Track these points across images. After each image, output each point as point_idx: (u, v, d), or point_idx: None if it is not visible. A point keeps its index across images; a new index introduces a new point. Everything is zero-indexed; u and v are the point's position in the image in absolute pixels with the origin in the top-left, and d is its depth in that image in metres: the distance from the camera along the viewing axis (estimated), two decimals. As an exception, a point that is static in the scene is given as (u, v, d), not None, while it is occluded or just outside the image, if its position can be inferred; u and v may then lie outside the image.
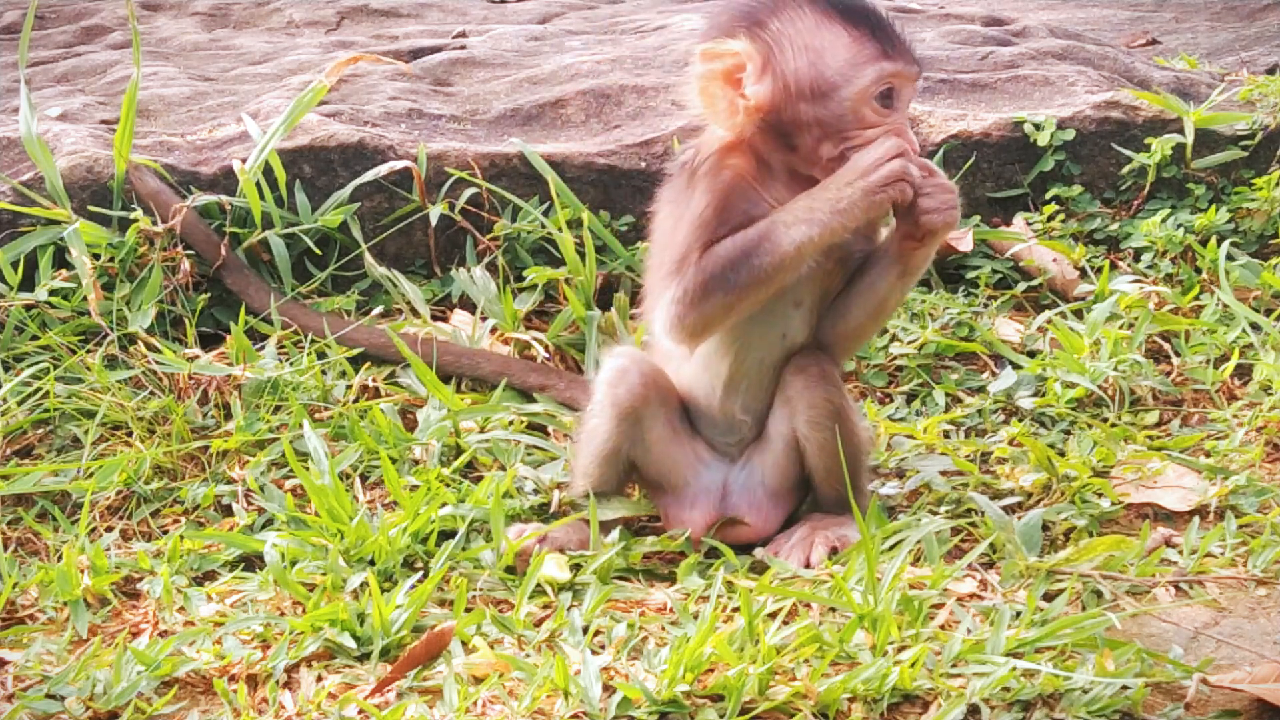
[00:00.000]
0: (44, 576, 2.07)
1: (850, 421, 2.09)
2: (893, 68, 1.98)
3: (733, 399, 2.13)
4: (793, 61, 1.99)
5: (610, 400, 2.10)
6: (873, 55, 1.98)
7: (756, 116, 2.00)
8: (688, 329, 2.01)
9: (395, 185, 2.86)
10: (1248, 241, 2.92)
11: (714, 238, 1.99)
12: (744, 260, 1.97)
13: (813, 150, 2.01)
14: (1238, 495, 2.19)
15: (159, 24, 4.32)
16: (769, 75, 1.99)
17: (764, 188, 2.03)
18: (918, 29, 3.94)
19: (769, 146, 2.03)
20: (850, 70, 1.98)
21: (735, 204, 2.01)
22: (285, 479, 2.33)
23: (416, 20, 4.28)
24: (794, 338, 2.11)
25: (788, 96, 1.99)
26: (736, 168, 2.02)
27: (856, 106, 1.99)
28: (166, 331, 2.63)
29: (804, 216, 1.97)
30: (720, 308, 1.99)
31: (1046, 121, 3.04)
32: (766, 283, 1.99)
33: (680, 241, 2.01)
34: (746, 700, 1.70)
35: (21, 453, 2.41)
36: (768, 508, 2.14)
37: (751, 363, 2.11)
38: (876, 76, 1.98)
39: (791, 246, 1.96)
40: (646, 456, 2.13)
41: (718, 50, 2.00)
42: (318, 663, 1.88)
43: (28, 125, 2.76)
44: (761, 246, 1.97)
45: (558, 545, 2.08)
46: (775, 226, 1.97)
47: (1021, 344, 2.69)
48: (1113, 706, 1.68)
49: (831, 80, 1.98)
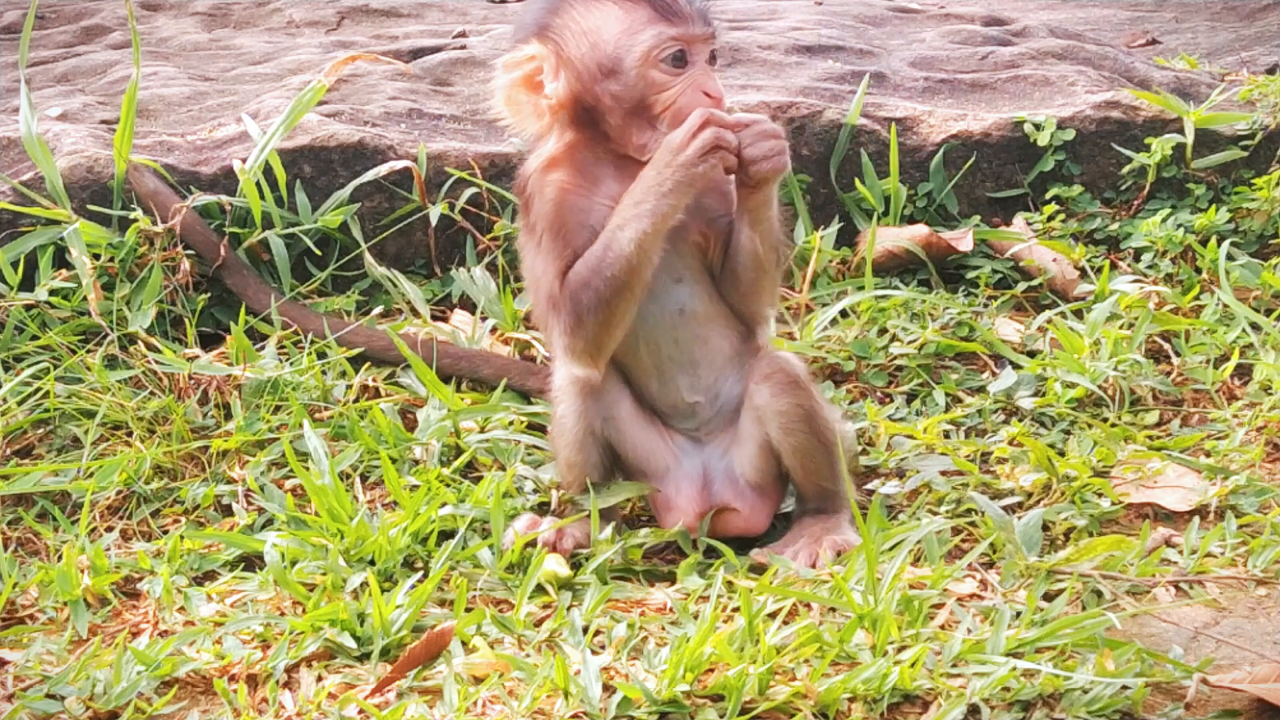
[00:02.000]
0: (44, 576, 2.07)
1: (821, 421, 2.11)
2: (671, 30, 2.01)
3: (672, 385, 2.14)
4: (578, 48, 2.03)
5: (570, 379, 2.12)
6: (646, 20, 2.01)
7: (562, 114, 2.05)
8: (585, 354, 2.06)
9: (395, 185, 2.86)
10: (1248, 241, 2.92)
11: (566, 263, 2.03)
12: (596, 276, 2.00)
13: (624, 130, 2.04)
14: (1238, 495, 2.19)
15: (159, 24, 4.31)
16: (562, 69, 2.04)
17: (594, 190, 2.06)
18: (918, 29, 3.95)
19: (590, 141, 2.06)
20: (627, 40, 2.02)
21: (570, 219, 2.04)
22: (285, 479, 2.33)
23: (416, 20, 4.27)
24: (694, 309, 2.11)
25: (583, 84, 2.03)
26: (558, 182, 2.06)
27: (644, 73, 2.01)
28: (166, 331, 2.63)
29: (633, 214, 1.99)
30: (599, 326, 2.03)
31: (1046, 121, 3.04)
32: (627, 288, 2.01)
33: (541, 276, 2.07)
34: (746, 700, 1.70)
35: (21, 453, 2.41)
36: (753, 497, 2.15)
37: (667, 345, 2.12)
38: (654, 40, 2.01)
39: (632, 246, 1.99)
40: (622, 438, 2.14)
41: (515, 59, 2.06)
42: (318, 663, 1.88)
43: (28, 125, 2.76)
44: (606, 258, 2.00)
45: (566, 539, 2.09)
46: (613, 233, 2.00)
47: (1021, 344, 2.69)
48: (1113, 706, 1.68)
49: (614, 55, 2.02)
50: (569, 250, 2.03)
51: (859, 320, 2.69)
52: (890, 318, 2.68)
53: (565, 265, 2.03)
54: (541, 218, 2.06)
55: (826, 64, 3.47)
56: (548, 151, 2.07)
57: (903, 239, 2.88)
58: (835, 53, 3.59)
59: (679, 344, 2.12)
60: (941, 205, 3.01)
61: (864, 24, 4.04)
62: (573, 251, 2.03)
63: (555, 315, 2.05)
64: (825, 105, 3.07)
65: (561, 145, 2.07)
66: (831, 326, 2.69)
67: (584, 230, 2.04)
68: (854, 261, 2.87)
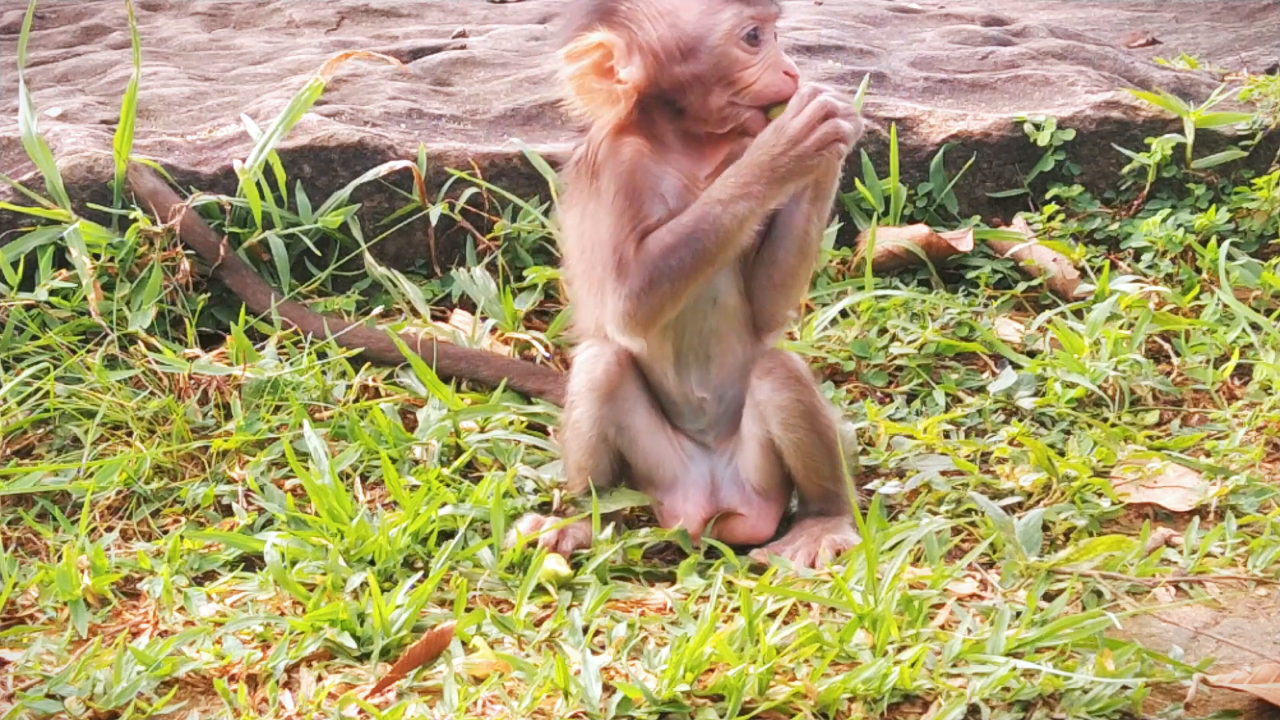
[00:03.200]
0: (44, 576, 2.07)
1: (823, 418, 2.11)
2: (750, 10, 2.03)
3: (685, 376, 2.14)
4: (654, 31, 2.03)
5: (589, 385, 2.11)
6: (723, 1, 2.03)
7: (637, 96, 2.04)
8: (640, 322, 2.04)
9: (395, 185, 2.86)
10: (1248, 241, 2.92)
11: (642, 225, 2.02)
12: (686, 245, 2.00)
13: (702, 106, 2.04)
14: (1238, 495, 2.19)
15: (159, 24, 4.31)
16: (636, 53, 2.03)
17: (664, 161, 2.06)
18: (918, 29, 3.95)
19: (658, 120, 2.06)
20: (708, 20, 2.03)
21: (643, 183, 2.04)
22: (285, 479, 2.33)
23: (416, 20, 4.27)
24: (725, 300, 2.12)
25: (660, 66, 2.03)
26: (634, 145, 2.05)
27: (725, 52, 2.02)
28: (166, 331, 2.63)
29: (739, 192, 1.99)
30: (669, 296, 2.02)
31: (1046, 121, 3.04)
32: (711, 263, 2.01)
33: (607, 238, 2.03)
34: (746, 700, 1.70)
35: (21, 453, 2.41)
36: (759, 503, 2.15)
37: (691, 334, 2.12)
38: (735, 20, 2.02)
39: (734, 222, 1.99)
40: (633, 447, 2.14)
41: (581, 48, 2.05)
42: (318, 663, 1.88)
43: (28, 125, 2.75)
44: (700, 229, 1.99)
45: (567, 539, 2.09)
46: (711, 206, 2.00)
47: (1021, 344, 2.69)
48: (1113, 706, 1.68)
49: (695, 34, 2.03)
50: (641, 214, 2.02)
51: (859, 320, 2.69)
52: (890, 318, 2.69)
53: (639, 229, 2.02)
54: (614, 179, 2.04)
55: (826, 64, 3.47)
56: (617, 120, 2.06)
57: (903, 239, 2.88)
58: (835, 53, 3.59)
59: (702, 334, 2.12)
60: (941, 205, 3.01)
61: (864, 24, 4.05)
62: (645, 215, 2.02)
63: (618, 278, 2.02)
64: (825, 105, 3.07)
65: (632, 118, 2.06)
66: (831, 326, 2.69)
67: (655, 197, 2.04)
68: (854, 261, 2.87)
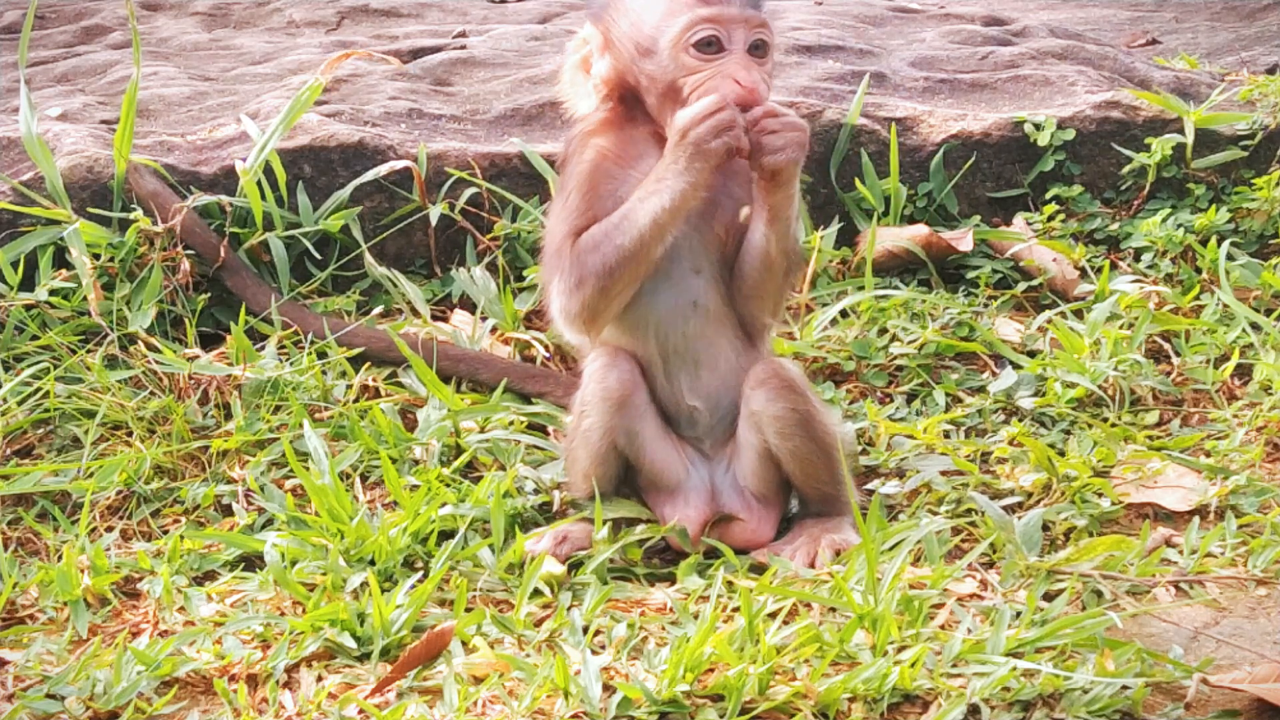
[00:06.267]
0: (44, 576, 2.07)
1: (819, 425, 2.10)
2: (707, 12, 2.00)
3: (675, 382, 2.14)
4: (621, 29, 2.05)
5: (602, 394, 2.10)
6: (686, 3, 2.01)
7: (607, 92, 2.06)
8: (578, 318, 2.06)
9: (395, 185, 2.86)
10: (1248, 241, 2.92)
11: (583, 224, 2.04)
12: (607, 241, 2.01)
13: (660, 110, 2.05)
14: (1238, 495, 2.19)
15: (159, 24, 4.32)
16: (609, 50, 2.06)
17: (632, 164, 2.06)
18: (918, 29, 3.95)
19: (638, 119, 2.08)
20: (664, 21, 2.02)
21: (601, 185, 2.05)
22: (285, 479, 2.33)
23: (416, 20, 4.28)
24: (705, 304, 2.11)
25: (625, 64, 2.05)
26: (599, 148, 2.07)
27: (675, 57, 2.01)
28: (166, 331, 2.63)
29: (654, 188, 2.00)
30: (598, 293, 2.03)
31: (1046, 121, 3.04)
32: (633, 261, 2.01)
33: (556, 235, 2.07)
34: (746, 700, 1.70)
35: (21, 453, 2.41)
36: (758, 508, 2.14)
37: (675, 337, 2.12)
38: (687, 23, 2.00)
39: (648, 219, 2.00)
40: (641, 453, 2.13)
41: (575, 42, 2.10)
42: (318, 663, 1.88)
43: (28, 125, 2.75)
44: (621, 226, 2.01)
45: (565, 544, 2.09)
46: (633, 203, 2.01)
47: (1021, 344, 2.69)
48: (1113, 706, 1.68)
49: (651, 35, 2.03)
50: (590, 213, 2.04)
51: (859, 320, 2.69)
52: (890, 318, 2.68)
53: (581, 225, 2.04)
54: (573, 176, 2.07)
55: (826, 64, 3.47)
56: (594, 118, 2.09)
57: (903, 239, 2.88)
58: (835, 53, 3.59)
59: (686, 338, 2.12)
60: (941, 205, 3.01)
61: (864, 24, 4.05)
62: (593, 215, 2.04)
63: (558, 273, 2.05)
64: (825, 105, 3.07)
65: (607, 117, 2.09)
66: (832, 326, 2.69)
67: (610, 199, 2.04)
68: (854, 261, 2.87)
